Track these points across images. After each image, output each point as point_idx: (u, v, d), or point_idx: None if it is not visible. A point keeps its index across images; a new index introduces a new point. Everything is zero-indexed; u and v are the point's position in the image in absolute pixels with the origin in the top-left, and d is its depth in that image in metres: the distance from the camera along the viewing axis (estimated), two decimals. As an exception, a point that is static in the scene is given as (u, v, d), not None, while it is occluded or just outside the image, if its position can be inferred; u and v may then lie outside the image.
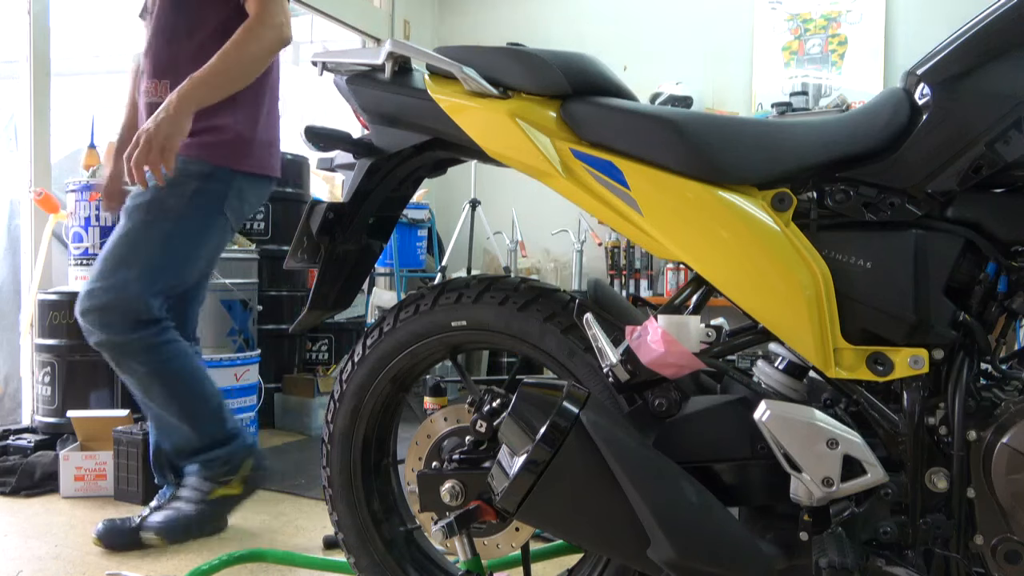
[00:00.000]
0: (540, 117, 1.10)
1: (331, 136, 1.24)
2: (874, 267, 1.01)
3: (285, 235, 3.79)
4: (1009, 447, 0.95)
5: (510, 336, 1.25)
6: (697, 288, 1.14)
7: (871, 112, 1.05)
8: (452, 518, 1.10)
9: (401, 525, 1.43)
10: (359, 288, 1.43)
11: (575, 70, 1.12)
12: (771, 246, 1.01)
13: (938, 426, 1.00)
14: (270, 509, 2.41)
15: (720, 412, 1.10)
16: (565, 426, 0.93)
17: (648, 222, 1.06)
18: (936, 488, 0.99)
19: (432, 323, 1.30)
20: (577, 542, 1.18)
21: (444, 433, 1.24)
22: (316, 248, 1.28)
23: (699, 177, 1.05)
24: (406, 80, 1.20)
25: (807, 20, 4.76)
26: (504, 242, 4.75)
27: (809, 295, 1.00)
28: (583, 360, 1.19)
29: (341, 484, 1.39)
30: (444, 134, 1.16)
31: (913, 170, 1.00)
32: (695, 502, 0.97)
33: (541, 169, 1.10)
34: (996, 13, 0.97)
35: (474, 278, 1.32)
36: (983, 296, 1.01)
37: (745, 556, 0.99)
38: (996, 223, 0.99)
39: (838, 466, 0.97)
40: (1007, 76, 0.96)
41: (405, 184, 1.35)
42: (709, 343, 1.07)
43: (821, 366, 1.02)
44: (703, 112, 1.11)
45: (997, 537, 0.97)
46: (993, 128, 0.96)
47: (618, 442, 0.95)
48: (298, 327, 1.38)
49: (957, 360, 1.00)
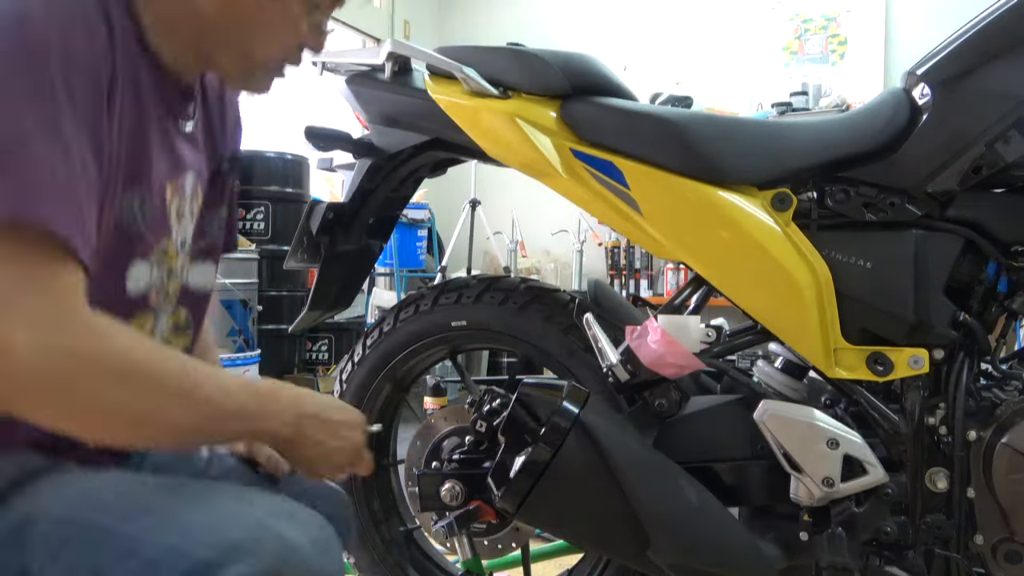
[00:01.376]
0: (540, 117, 1.10)
1: (331, 136, 1.24)
2: (874, 267, 1.01)
3: (285, 235, 3.79)
4: (1009, 447, 0.95)
5: (510, 336, 1.25)
6: (697, 288, 1.14)
7: (871, 112, 1.05)
8: (452, 518, 1.10)
9: (401, 525, 1.43)
10: (359, 288, 1.43)
11: (575, 70, 1.12)
12: (771, 246, 1.01)
13: (938, 426, 1.00)
14: (270, 509, 2.41)
15: (720, 412, 1.10)
16: (565, 426, 0.93)
17: (648, 222, 1.06)
18: (936, 488, 0.99)
19: (432, 323, 1.29)
20: (577, 542, 1.18)
21: (444, 433, 1.24)
22: (316, 248, 1.28)
23: (699, 177, 1.05)
24: (406, 80, 1.19)
25: (807, 20, 4.76)
26: (504, 242, 4.75)
27: (809, 295, 1.00)
28: (583, 360, 1.19)
29: (341, 484, 1.39)
30: (444, 134, 1.16)
31: (913, 170, 1.00)
32: (695, 502, 0.97)
33: (541, 169, 1.10)
34: (996, 13, 0.97)
35: (474, 278, 1.32)
36: (983, 296, 1.01)
37: (745, 556, 0.99)
38: (996, 223, 0.99)
39: (838, 466, 0.97)
40: (1007, 76, 0.96)
41: (405, 184, 1.35)
42: (709, 343, 1.07)
43: (821, 366, 1.02)
44: (703, 112, 1.11)
45: (997, 537, 0.97)
46: (993, 128, 0.96)
47: (618, 442, 0.95)
48: (298, 327, 1.38)
49: (957, 360, 1.00)
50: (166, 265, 0.83)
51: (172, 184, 0.83)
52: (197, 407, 0.66)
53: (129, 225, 0.76)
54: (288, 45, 0.84)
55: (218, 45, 0.81)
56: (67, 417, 0.63)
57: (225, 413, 0.68)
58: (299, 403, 0.75)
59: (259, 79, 0.85)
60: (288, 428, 0.73)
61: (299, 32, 0.83)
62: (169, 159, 0.81)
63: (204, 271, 0.94)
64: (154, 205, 0.79)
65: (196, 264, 0.92)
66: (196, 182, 0.88)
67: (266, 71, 0.85)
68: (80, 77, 0.66)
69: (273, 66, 0.85)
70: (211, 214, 0.94)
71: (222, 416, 0.68)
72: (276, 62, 0.85)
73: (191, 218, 0.88)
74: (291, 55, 0.85)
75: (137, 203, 0.76)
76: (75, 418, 0.63)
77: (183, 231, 0.86)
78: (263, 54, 0.83)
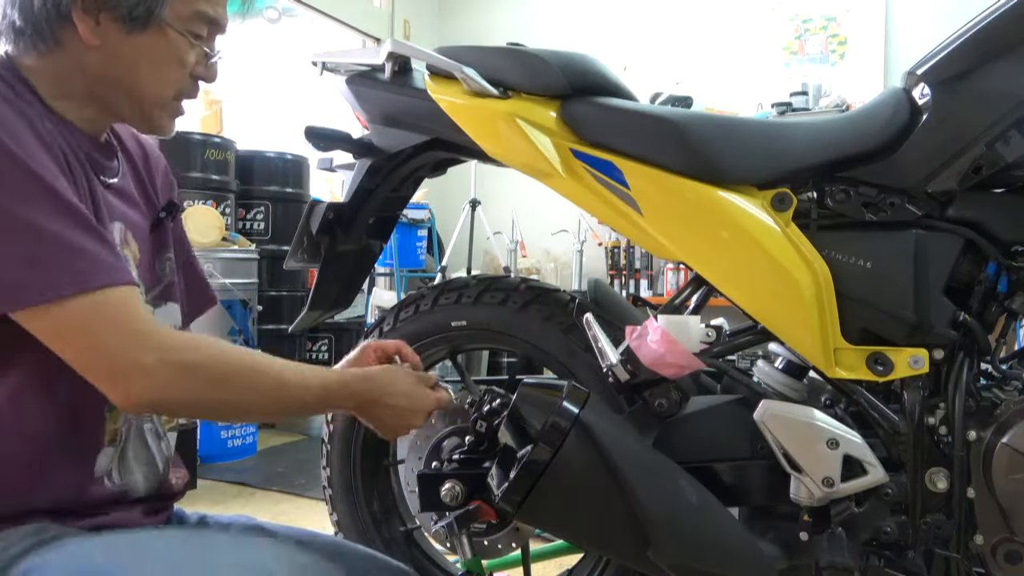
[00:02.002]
0: (540, 117, 1.10)
1: (331, 136, 1.24)
2: (874, 267, 1.01)
3: (285, 235, 3.79)
4: (1009, 447, 0.95)
5: (510, 336, 1.25)
6: (697, 288, 1.13)
7: (871, 112, 1.05)
8: (452, 518, 1.10)
9: (401, 525, 1.43)
10: (359, 288, 1.42)
11: (575, 70, 1.12)
12: (771, 246, 1.01)
13: (938, 426, 1.00)
14: (270, 509, 2.41)
15: (720, 412, 1.10)
16: (565, 426, 0.93)
17: (648, 222, 1.06)
18: (936, 488, 0.99)
19: (432, 323, 1.29)
20: (577, 542, 1.18)
21: (444, 433, 1.24)
22: (316, 248, 1.28)
23: (699, 177, 1.05)
24: (406, 80, 1.19)
25: (807, 20, 4.76)
26: (504, 242, 4.75)
27: (809, 295, 1.00)
28: (583, 360, 1.19)
29: (341, 484, 1.39)
30: (444, 134, 1.16)
31: (913, 170, 1.00)
32: (695, 502, 0.97)
33: (541, 169, 1.10)
34: (996, 13, 0.97)
35: (474, 278, 1.32)
36: (983, 296, 1.01)
37: (745, 556, 0.99)
38: (996, 223, 0.99)
39: (838, 466, 0.97)
40: (1007, 76, 0.96)
41: (405, 184, 1.35)
42: (709, 343, 1.07)
43: (821, 366, 1.01)
44: (703, 112, 1.11)
45: (997, 537, 0.97)
46: (993, 128, 0.96)
47: (618, 442, 0.95)
48: (298, 327, 1.38)
49: (957, 360, 1.00)
50: None
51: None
52: (283, 402, 0.88)
53: None
54: (176, 80, 0.88)
55: (111, 95, 0.86)
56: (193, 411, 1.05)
57: (303, 404, 0.91)
58: (367, 392, 0.95)
59: (159, 119, 0.89)
60: (355, 411, 0.98)
61: (184, 64, 0.87)
62: (94, 211, 0.83)
63: (167, 312, 0.99)
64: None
65: (159, 308, 0.97)
66: (125, 231, 0.90)
67: (163, 110, 0.89)
68: (43, 158, 0.75)
69: (169, 104, 0.89)
70: (160, 259, 0.99)
71: (301, 405, 0.94)
72: (169, 99, 0.89)
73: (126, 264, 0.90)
74: (185, 89, 0.90)
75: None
76: (197, 410, 0.97)
77: None
78: (154, 93, 0.87)
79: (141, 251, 0.93)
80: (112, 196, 0.89)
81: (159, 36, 0.83)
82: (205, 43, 0.88)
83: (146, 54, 0.84)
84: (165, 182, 1.05)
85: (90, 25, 0.81)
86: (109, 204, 0.87)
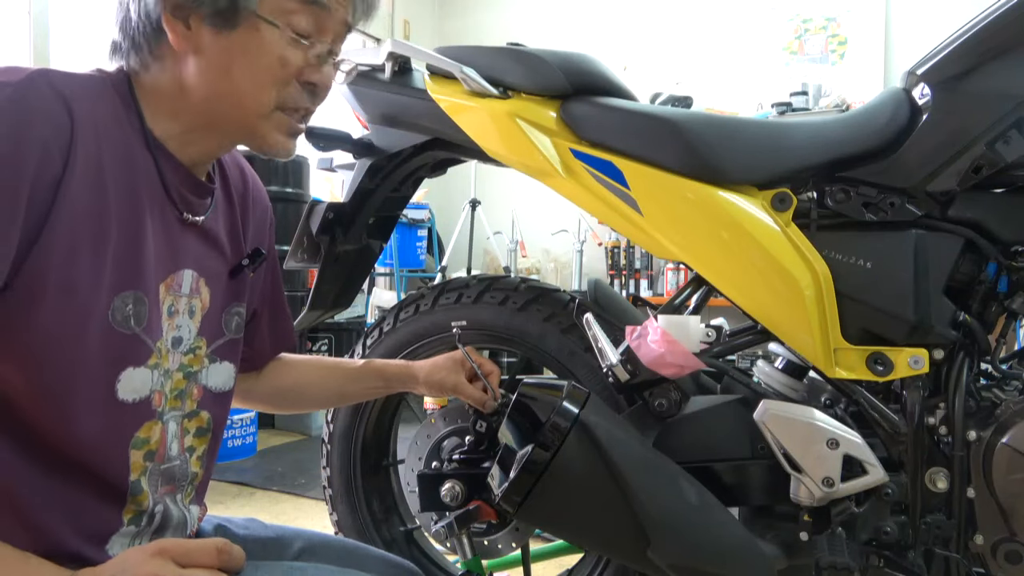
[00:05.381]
0: (540, 117, 1.10)
1: (331, 136, 1.24)
2: (874, 267, 1.01)
3: (285, 235, 3.78)
4: (1009, 447, 0.95)
5: (510, 336, 1.25)
6: (697, 288, 1.13)
7: (871, 112, 1.05)
8: (452, 518, 1.10)
9: (401, 525, 1.43)
10: (359, 288, 1.42)
11: (575, 70, 1.12)
12: (771, 246, 1.01)
13: (938, 426, 1.00)
14: (270, 509, 2.41)
15: (720, 412, 1.10)
16: (565, 426, 0.93)
17: (648, 222, 1.06)
18: (936, 488, 0.99)
19: (432, 323, 1.29)
20: (577, 542, 1.18)
21: (444, 433, 1.24)
22: (316, 248, 1.28)
23: (699, 177, 1.05)
24: (406, 80, 1.19)
25: (807, 20, 4.76)
26: (504, 242, 4.75)
27: (809, 295, 1.00)
28: (583, 360, 1.19)
29: (341, 484, 1.39)
30: (444, 134, 1.16)
31: (913, 170, 1.00)
32: (695, 502, 0.97)
33: (541, 169, 1.10)
34: (996, 13, 0.97)
35: (474, 278, 1.32)
36: (983, 296, 1.01)
37: (745, 556, 0.99)
38: (996, 223, 0.99)
39: (838, 466, 0.97)
40: (1007, 76, 0.96)
41: (405, 184, 1.35)
42: (709, 343, 1.07)
43: (821, 366, 1.01)
44: (703, 112, 1.10)
45: (997, 537, 0.97)
46: (993, 128, 0.96)
47: (618, 442, 0.95)
48: (298, 327, 1.38)
49: (957, 360, 1.00)
50: (161, 367, 0.78)
51: (166, 282, 0.79)
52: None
53: (120, 328, 0.73)
54: (277, 81, 0.76)
55: (213, 110, 0.76)
56: None
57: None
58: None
59: (268, 134, 0.79)
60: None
61: (285, 65, 0.76)
62: (167, 252, 0.78)
63: (221, 371, 0.89)
64: (147, 305, 0.75)
65: (214, 364, 0.88)
66: (196, 278, 0.83)
67: (268, 121, 0.78)
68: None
69: (274, 115, 0.78)
70: (228, 311, 0.90)
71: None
72: (271, 108, 0.78)
73: (188, 315, 0.83)
74: (291, 96, 0.78)
75: (131, 304, 0.73)
76: None
77: (176, 329, 0.81)
78: (253, 100, 0.76)
79: (212, 299, 0.85)
80: (192, 237, 0.82)
81: (251, 32, 0.73)
82: (314, 41, 0.77)
83: (238, 54, 0.74)
84: (259, 227, 0.96)
85: (180, 31, 0.73)
86: (184, 247, 0.80)
